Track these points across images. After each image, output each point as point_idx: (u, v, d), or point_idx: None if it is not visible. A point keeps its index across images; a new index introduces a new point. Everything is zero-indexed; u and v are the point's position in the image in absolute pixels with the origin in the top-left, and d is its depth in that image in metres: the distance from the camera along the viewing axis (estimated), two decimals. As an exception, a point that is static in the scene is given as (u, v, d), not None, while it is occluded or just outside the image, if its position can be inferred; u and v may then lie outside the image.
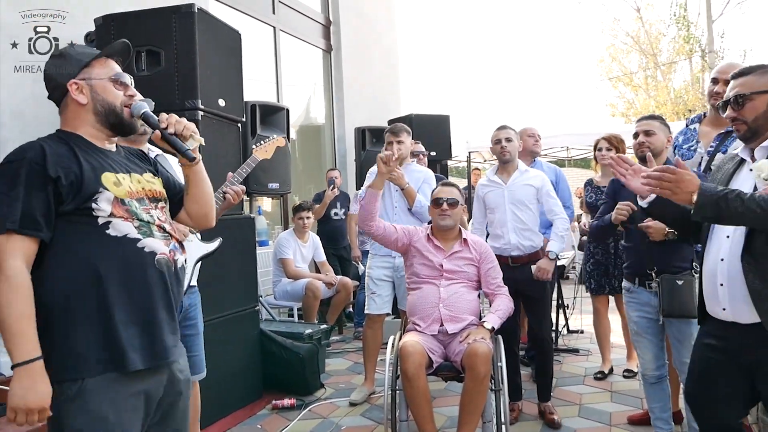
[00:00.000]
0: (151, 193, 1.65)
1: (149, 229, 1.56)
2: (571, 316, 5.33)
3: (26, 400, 1.36)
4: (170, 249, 1.60)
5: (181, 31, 3.23)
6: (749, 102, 1.92)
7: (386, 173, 3.10)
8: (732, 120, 1.97)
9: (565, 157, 11.51)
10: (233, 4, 5.89)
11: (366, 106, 7.99)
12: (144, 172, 1.68)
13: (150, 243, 1.55)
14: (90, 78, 1.60)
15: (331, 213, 6.10)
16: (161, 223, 1.62)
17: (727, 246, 1.91)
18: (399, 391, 2.81)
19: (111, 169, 1.56)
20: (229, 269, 3.53)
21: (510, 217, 3.44)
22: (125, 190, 1.56)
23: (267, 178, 4.59)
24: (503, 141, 3.48)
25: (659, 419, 2.86)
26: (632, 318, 2.84)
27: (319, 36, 7.60)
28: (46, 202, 1.45)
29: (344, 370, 4.57)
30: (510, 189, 3.47)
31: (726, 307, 1.90)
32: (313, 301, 5.08)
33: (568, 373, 4.25)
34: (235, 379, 3.60)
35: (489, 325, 2.86)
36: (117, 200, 1.52)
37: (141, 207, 1.58)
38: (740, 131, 1.96)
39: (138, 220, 1.55)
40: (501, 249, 3.41)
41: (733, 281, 1.86)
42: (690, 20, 18.19)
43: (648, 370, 2.83)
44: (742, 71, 2.00)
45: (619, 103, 20.32)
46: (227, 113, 3.57)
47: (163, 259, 1.56)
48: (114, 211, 1.51)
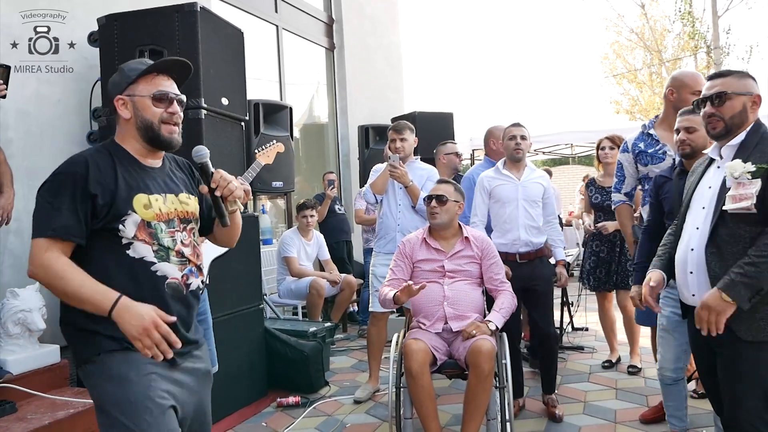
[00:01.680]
0: (183, 214, 1.73)
1: (167, 254, 1.65)
2: (575, 313, 5.33)
3: (137, 325, 1.49)
4: (184, 274, 1.68)
5: (184, 30, 3.23)
6: (729, 100, 2.05)
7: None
8: (709, 116, 2.08)
9: (569, 154, 11.49)
10: (236, 2, 5.89)
11: (369, 104, 7.99)
12: (181, 192, 1.76)
13: (163, 267, 1.64)
14: (134, 94, 1.68)
15: (335, 208, 6.22)
16: (182, 248, 1.69)
17: (696, 237, 2.07)
18: (403, 388, 2.81)
19: (146, 189, 1.66)
20: (233, 268, 3.54)
21: (522, 213, 3.43)
22: (154, 212, 1.64)
23: (271, 176, 4.60)
24: (518, 138, 3.46)
25: (673, 416, 2.86)
26: (664, 313, 2.78)
27: (322, 34, 7.60)
28: (84, 214, 1.57)
29: (349, 368, 4.58)
30: (524, 185, 3.47)
31: (695, 293, 2.07)
32: (318, 299, 5.08)
33: (573, 371, 4.24)
34: (240, 377, 3.61)
35: (492, 325, 2.85)
36: (143, 223, 1.62)
37: (167, 230, 1.66)
38: (716, 128, 2.08)
39: (158, 245, 1.63)
40: (509, 245, 3.40)
41: (701, 269, 2.03)
42: (695, 16, 18.08)
43: (666, 370, 2.79)
44: (720, 73, 2.15)
45: (623, 100, 20.20)
46: (230, 112, 3.57)
47: (173, 284, 1.65)
48: (138, 233, 1.61)
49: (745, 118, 2.06)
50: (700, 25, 17.97)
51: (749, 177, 1.92)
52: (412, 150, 3.92)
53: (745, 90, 2.07)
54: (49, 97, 3.68)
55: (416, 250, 3.09)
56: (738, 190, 1.94)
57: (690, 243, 2.10)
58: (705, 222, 2.05)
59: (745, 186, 1.93)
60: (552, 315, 3.56)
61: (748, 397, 1.95)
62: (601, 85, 35.15)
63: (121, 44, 3.34)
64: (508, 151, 3.53)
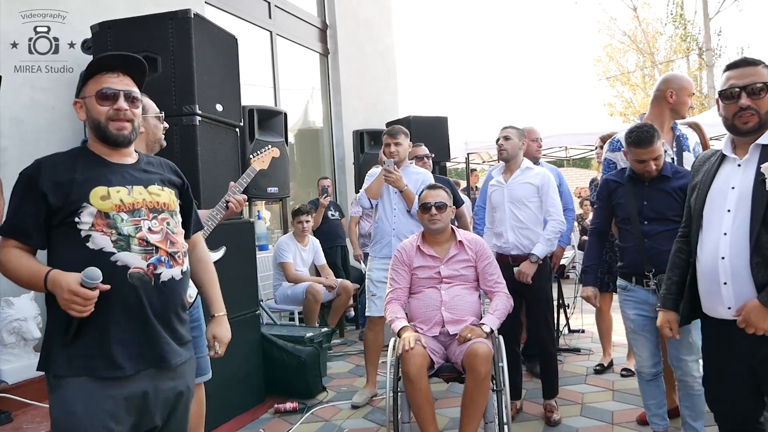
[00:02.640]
0: (152, 204, 1.69)
1: (127, 242, 1.60)
2: (572, 315, 5.33)
3: (59, 297, 1.52)
4: (150, 263, 1.62)
5: (178, 36, 3.24)
6: (766, 93, 1.87)
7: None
8: (743, 109, 1.88)
9: (564, 156, 11.52)
10: (230, 9, 5.90)
11: (364, 109, 8.00)
12: (152, 184, 1.73)
13: (124, 257, 1.59)
14: (85, 96, 1.70)
15: (328, 214, 6.26)
16: (146, 235, 1.63)
17: (726, 244, 1.88)
18: (401, 393, 2.81)
19: (107, 182, 1.64)
20: (229, 274, 3.51)
21: (509, 216, 3.45)
22: (113, 203, 1.62)
23: (266, 182, 4.60)
24: (501, 140, 3.50)
25: (655, 415, 2.88)
26: (629, 316, 2.83)
27: (316, 40, 7.62)
28: (33, 213, 1.60)
29: (346, 373, 4.57)
30: (509, 187, 3.48)
31: (731, 306, 1.88)
32: (314, 305, 5.08)
33: (570, 373, 4.25)
34: (237, 383, 3.60)
35: (487, 328, 2.85)
36: (100, 213, 1.60)
37: (130, 219, 1.62)
38: (748, 123, 1.89)
39: (117, 234, 1.59)
40: (502, 248, 3.44)
41: (738, 278, 1.84)
42: (686, 19, 18.23)
43: (644, 367, 2.84)
44: (750, 60, 1.94)
45: (616, 102, 20.34)
46: (225, 118, 3.57)
47: (137, 273, 1.60)
48: (95, 224, 1.59)
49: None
50: (691, 28, 18.13)
51: None
52: (406, 154, 3.93)
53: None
54: (43, 103, 3.67)
55: (412, 257, 3.09)
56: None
57: (719, 251, 1.89)
58: (735, 228, 1.87)
59: None
60: (550, 320, 3.55)
61: None
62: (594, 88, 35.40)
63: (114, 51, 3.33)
64: (497, 154, 3.59)
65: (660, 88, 3.16)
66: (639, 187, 2.76)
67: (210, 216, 2.64)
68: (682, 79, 3.18)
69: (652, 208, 2.71)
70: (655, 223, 2.68)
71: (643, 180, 2.75)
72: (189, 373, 1.79)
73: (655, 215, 2.69)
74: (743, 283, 1.83)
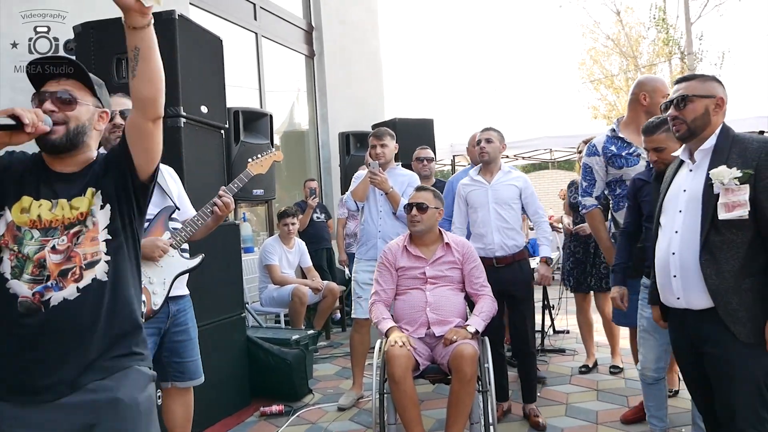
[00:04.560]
0: (68, 221, 1.57)
1: (21, 268, 1.53)
2: (556, 316, 5.38)
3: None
4: (36, 291, 1.51)
5: (162, 38, 3.16)
6: (690, 103, 2.10)
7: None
8: (673, 119, 2.15)
9: (548, 159, 11.61)
10: (214, 10, 5.88)
11: (350, 111, 8.00)
12: (78, 195, 1.59)
13: (14, 285, 1.52)
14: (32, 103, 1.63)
15: (313, 217, 6.27)
16: (47, 255, 1.53)
17: (677, 240, 2.10)
18: (387, 394, 2.81)
19: (35, 193, 1.56)
20: (214, 276, 3.51)
21: (494, 217, 3.45)
22: (29, 218, 1.55)
23: (251, 184, 4.57)
24: (483, 142, 3.51)
25: (654, 417, 2.89)
26: (644, 315, 2.80)
27: (302, 41, 7.61)
28: None
29: (332, 375, 4.56)
30: (494, 188, 3.49)
31: (680, 297, 2.11)
32: (300, 307, 5.07)
33: (555, 373, 4.28)
34: (222, 386, 3.58)
35: (472, 328, 2.86)
36: (12, 224, 1.55)
37: (40, 238, 1.55)
38: (680, 131, 2.14)
39: (16, 259, 1.53)
40: (485, 250, 3.42)
41: (686, 272, 2.07)
42: (669, 23, 18.45)
43: (648, 370, 2.83)
44: (685, 77, 2.20)
45: (600, 105, 20.50)
46: (210, 120, 3.55)
47: (25, 302, 1.51)
48: (5, 234, 1.54)
49: (707, 121, 2.09)
50: (674, 32, 18.34)
51: (737, 183, 1.93)
52: (392, 156, 3.94)
53: (708, 93, 2.10)
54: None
55: (398, 258, 3.10)
56: (728, 197, 1.95)
57: (670, 247, 2.12)
58: (684, 227, 2.08)
59: (734, 192, 1.94)
60: (532, 321, 3.57)
61: (742, 395, 1.96)
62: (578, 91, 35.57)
63: (97, 52, 3.31)
64: (478, 156, 3.60)
65: (634, 91, 3.23)
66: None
67: (190, 221, 2.54)
68: (655, 81, 3.24)
69: None
70: None
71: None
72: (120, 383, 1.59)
73: None
74: (691, 276, 2.05)
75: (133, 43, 1.54)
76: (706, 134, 2.11)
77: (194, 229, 2.54)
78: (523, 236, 3.54)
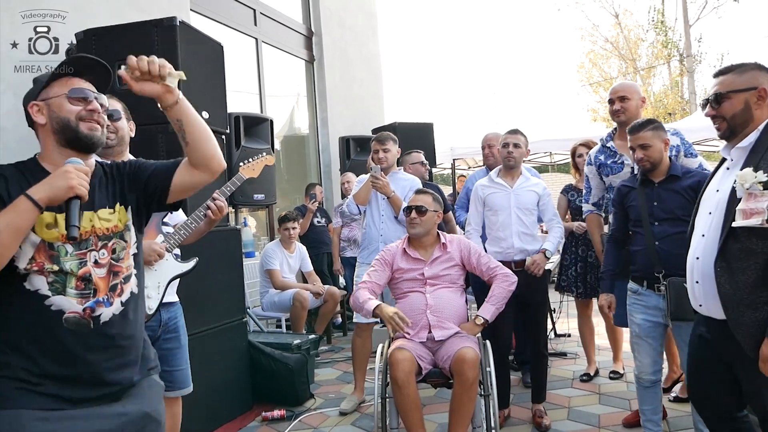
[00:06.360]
0: (101, 231, 1.56)
1: (64, 284, 1.47)
2: (558, 320, 5.37)
3: (62, 187, 1.41)
4: (87, 306, 1.49)
5: (163, 44, 3.23)
6: (726, 100, 1.94)
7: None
8: (712, 118, 1.99)
9: (548, 162, 11.61)
10: (215, 16, 5.89)
11: (350, 116, 8.02)
12: (102, 207, 1.58)
13: (58, 301, 1.46)
14: (48, 97, 1.56)
15: (314, 221, 6.26)
16: (91, 270, 1.51)
17: (702, 245, 1.95)
18: (389, 399, 2.81)
19: (54, 207, 1.45)
20: (215, 281, 3.51)
21: (515, 221, 3.42)
22: (60, 233, 1.47)
23: (252, 189, 4.59)
24: (511, 146, 3.44)
25: (649, 420, 2.88)
26: (635, 320, 2.81)
27: (302, 47, 7.63)
28: None
29: (334, 380, 4.56)
30: (516, 193, 3.47)
31: (702, 303, 1.97)
32: (301, 312, 5.06)
33: (557, 377, 4.27)
34: (224, 391, 3.58)
35: (480, 320, 2.89)
36: (44, 244, 1.47)
37: (75, 252, 1.50)
38: (721, 129, 1.99)
39: (53, 274, 1.46)
40: (503, 254, 3.38)
41: (707, 279, 1.91)
42: (668, 25, 18.51)
43: (644, 374, 2.83)
44: (721, 70, 2.02)
45: (600, 107, 20.54)
46: (211, 125, 3.52)
47: (73, 318, 1.47)
48: (36, 256, 1.46)
49: (749, 116, 1.91)
50: (672, 34, 18.41)
51: (761, 188, 1.73)
52: (395, 161, 3.95)
53: (747, 85, 1.91)
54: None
55: (397, 259, 3.11)
56: (749, 203, 1.74)
57: (695, 251, 1.98)
58: (710, 230, 1.92)
59: (756, 198, 1.73)
60: (544, 331, 3.58)
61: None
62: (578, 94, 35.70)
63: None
64: (502, 159, 3.53)
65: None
66: (649, 189, 2.78)
67: (184, 225, 2.51)
68: (612, 87, 3.38)
69: (662, 208, 2.72)
70: (665, 224, 2.69)
71: (653, 182, 2.78)
72: (143, 395, 1.62)
73: (665, 215, 2.70)
74: (710, 284, 1.88)
75: (174, 117, 1.64)
76: (749, 130, 1.92)
77: (187, 233, 2.51)
78: (540, 242, 3.49)
